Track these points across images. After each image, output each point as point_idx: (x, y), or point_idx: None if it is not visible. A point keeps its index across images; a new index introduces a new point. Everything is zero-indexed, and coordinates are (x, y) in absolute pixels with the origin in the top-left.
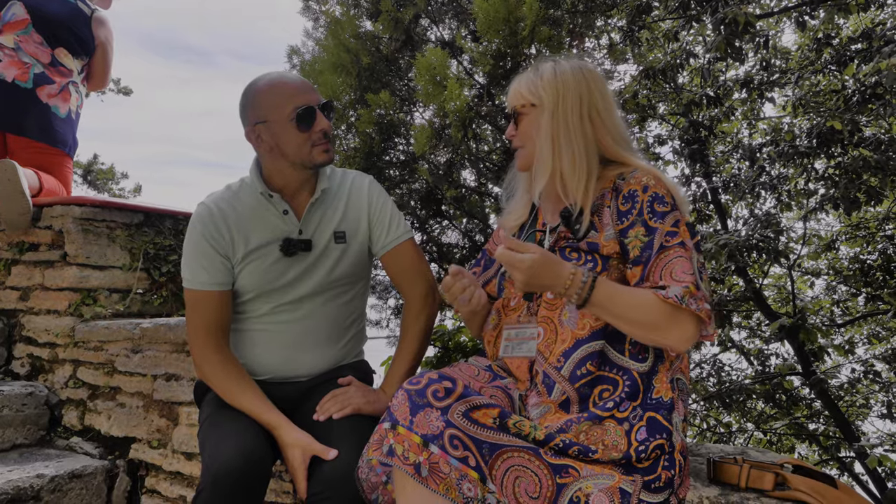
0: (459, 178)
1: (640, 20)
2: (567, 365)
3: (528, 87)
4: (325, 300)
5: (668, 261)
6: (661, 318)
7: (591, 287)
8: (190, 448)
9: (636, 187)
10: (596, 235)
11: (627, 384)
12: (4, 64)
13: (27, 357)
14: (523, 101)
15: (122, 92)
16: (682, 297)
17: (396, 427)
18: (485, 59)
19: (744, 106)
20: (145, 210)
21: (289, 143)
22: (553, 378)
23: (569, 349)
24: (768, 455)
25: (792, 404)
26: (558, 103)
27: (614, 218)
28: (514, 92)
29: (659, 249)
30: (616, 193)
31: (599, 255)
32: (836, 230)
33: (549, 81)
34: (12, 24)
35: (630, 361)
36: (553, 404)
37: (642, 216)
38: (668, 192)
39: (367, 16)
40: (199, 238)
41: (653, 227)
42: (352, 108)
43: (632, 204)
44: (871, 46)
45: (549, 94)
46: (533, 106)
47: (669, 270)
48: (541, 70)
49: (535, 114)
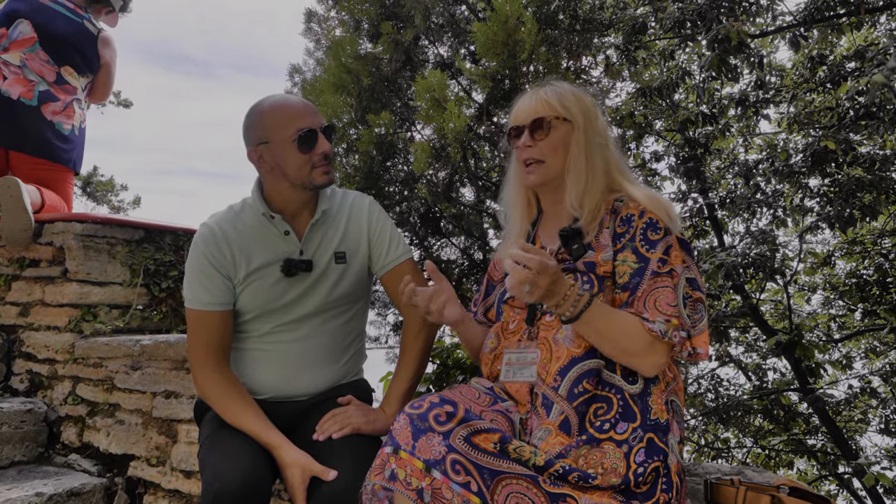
0: (458, 196)
1: (637, 39)
2: (564, 383)
3: (558, 101)
4: (325, 320)
5: (653, 289)
6: (641, 346)
7: (588, 303)
8: (189, 466)
9: (633, 212)
10: (593, 255)
11: (621, 404)
12: (10, 81)
13: (26, 373)
14: (555, 112)
15: (122, 104)
16: (665, 331)
17: (399, 451)
18: (484, 80)
19: (739, 123)
20: (146, 226)
21: (290, 164)
22: (551, 398)
23: (564, 367)
24: (765, 475)
25: (790, 420)
26: (590, 122)
27: (612, 239)
28: (543, 103)
29: (648, 278)
30: (614, 216)
31: (595, 275)
32: (833, 245)
33: (575, 100)
34: (19, 42)
35: (622, 381)
36: (553, 426)
37: (634, 242)
38: (663, 216)
39: (367, 37)
40: (201, 258)
41: (644, 255)
42: (353, 127)
43: (627, 227)
44: (864, 66)
45: (580, 112)
46: (565, 120)
47: (654, 300)
48: (562, 88)
49: (566, 129)
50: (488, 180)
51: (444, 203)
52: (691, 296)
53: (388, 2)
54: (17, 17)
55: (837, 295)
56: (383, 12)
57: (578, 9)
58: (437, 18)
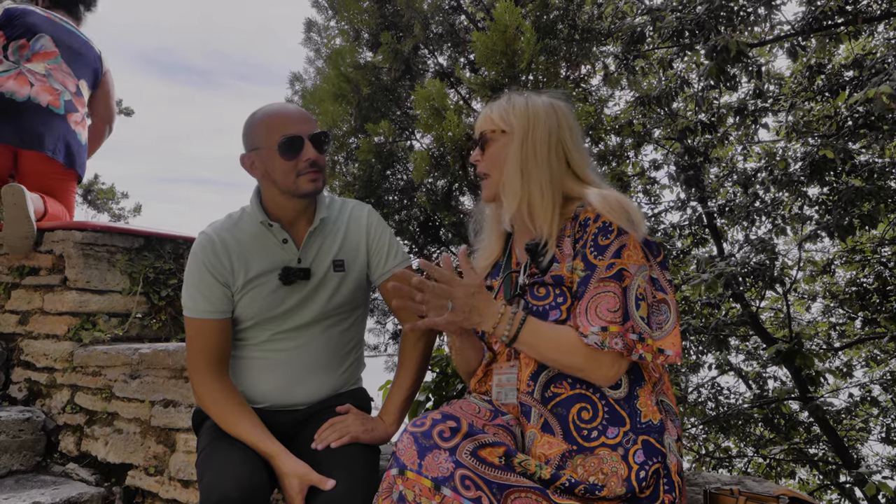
0: (457, 205)
1: (635, 49)
2: (536, 388)
3: (499, 113)
4: (324, 328)
5: (596, 295)
6: (582, 360)
7: (523, 321)
8: (187, 475)
9: (590, 215)
10: (558, 267)
11: (606, 409)
12: (37, 89)
13: (25, 382)
14: (493, 126)
15: (123, 113)
16: (601, 341)
17: (405, 472)
18: (483, 89)
19: (738, 131)
20: (146, 234)
21: (276, 170)
22: (528, 404)
23: (534, 372)
24: (766, 485)
25: (791, 429)
26: (528, 132)
27: (572, 247)
28: (485, 117)
29: (592, 285)
30: (574, 222)
31: (565, 286)
32: (832, 254)
33: (521, 110)
34: (42, 54)
35: (604, 387)
36: (536, 429)
37: (584, 249)
38: (619, 219)
39: (367, 46)
40: (200, 267)
41: (591, 262)
42: (352, 136)
43: (582, 233)
44: (862, 75)
45: (520, 123)
46: (503, 132)
47: (595, 306)
48: (513, 100)
49: (503, 140)
50: None
51: (443, 211)
52: (655, 296)
53: (388, 12)
54: (37, 31)
55: (837, 303)
56: (383, 22)
57: (577, 18)
58: (436, 28)
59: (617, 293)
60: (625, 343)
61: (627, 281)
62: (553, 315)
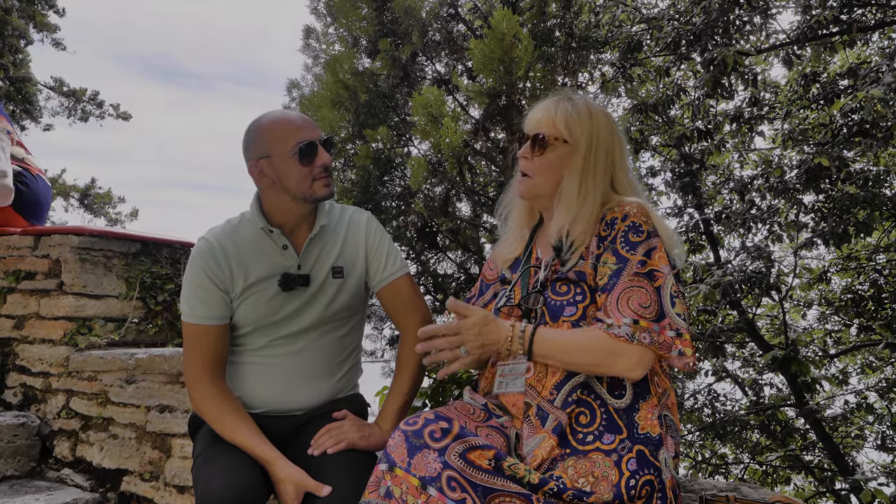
0: (455, 211)
1: (632, 57)
2: (560, 396)
3: (564, 120)
4: (322, 334)
5: (628, 289)
6: (599, 356)
7: (533, 334)
8: (182, 481)
9: (617, 215)
10: (583, 264)
11: (604, 417)
12: None
13: (20, 386)
14: (556, 132)
15: (121, 117)
16: (632, 333)
17: (394, 469)
18: (480, 97)
19: (734, 139)
20: (143, 239)
21: (291, 177)
22: (546, 410)
23: (560, 381)
24: (761, 492)
25: (787, 435)
26: (591, 150)
27: (597, 245)
28: (547, 118)
29: (625, 278)
30: (601, 222)
31: (587, 284)
32: (828, 261)
33: (586, 123)
34: None
35: (607, 394)
36: (547, 433)
37: (615, 244)
38: (647, 220)
39: (365, 53)
40: (199, 272)
41: (623, 256)
42: (350, 142)
43: (610, 230)
44: (857, 83)
45: (585, 137)
46: (565, 142)
47: (626, 299)
48: (577, 106)
49: (564, 151)
50: (484, 195)
51: (440, 217)
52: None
53: (387, 19)
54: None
55: (833, 310)
56: (381, 29)
57: (574, 27)
58: (434, 35)
59: (649, 290)
60: (660, 341)
61: (660, 281)
62: (569, 311)
